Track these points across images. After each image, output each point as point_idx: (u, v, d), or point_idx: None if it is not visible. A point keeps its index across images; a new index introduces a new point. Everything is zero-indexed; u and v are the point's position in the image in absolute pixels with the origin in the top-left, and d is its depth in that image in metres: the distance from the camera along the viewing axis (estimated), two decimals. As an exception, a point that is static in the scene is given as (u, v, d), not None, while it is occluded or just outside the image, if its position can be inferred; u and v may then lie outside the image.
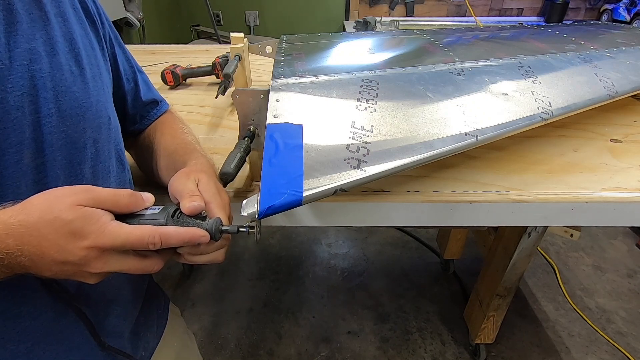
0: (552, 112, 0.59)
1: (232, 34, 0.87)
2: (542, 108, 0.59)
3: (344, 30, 2.55)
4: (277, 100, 0.48)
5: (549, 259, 1.83)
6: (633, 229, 2.01)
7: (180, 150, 0.53)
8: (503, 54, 0.69)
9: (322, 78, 0.53)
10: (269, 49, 0.94)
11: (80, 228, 0.33)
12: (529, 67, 0.66)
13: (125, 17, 1.80)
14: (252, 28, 2.72)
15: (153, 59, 1.23)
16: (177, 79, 1.00)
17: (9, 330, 0.40)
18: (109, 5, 1.67)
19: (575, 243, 1.92)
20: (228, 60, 0.94)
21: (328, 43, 0.82)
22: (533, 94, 0.60)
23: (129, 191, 0.38)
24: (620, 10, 2.33)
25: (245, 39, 0.89)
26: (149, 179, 0.58)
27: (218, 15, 2.68)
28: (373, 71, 0.56)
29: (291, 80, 0.52)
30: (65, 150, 0.40)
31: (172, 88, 1.01)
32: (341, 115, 0.48)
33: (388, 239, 1.95)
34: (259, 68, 1.12)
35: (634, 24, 2.23)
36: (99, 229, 0.34)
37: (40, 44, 0.38)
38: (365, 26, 2.31)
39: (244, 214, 0.41)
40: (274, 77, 0.54)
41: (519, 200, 0.58)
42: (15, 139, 0.36)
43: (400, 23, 2.43)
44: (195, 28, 2.72)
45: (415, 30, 0.91)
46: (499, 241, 1.17)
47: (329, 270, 1.78)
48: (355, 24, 2.39)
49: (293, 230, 2.02)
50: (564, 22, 2.42)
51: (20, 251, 0.32)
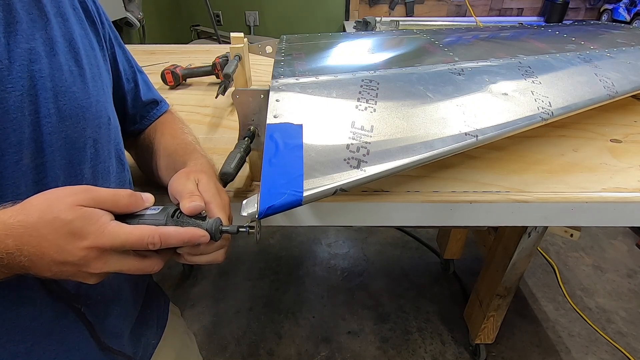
0: (552, 112, 0.59)
1: (232, 34, 0.87)
2: (542, 108, 0.59)
3: (344, 30, 2.55)
4: (277, 100, 0.48)
5: (549, 259, 1.83)
6: (633, 229, 2.01)
7: (180, 151, 0.53)
8: (503, 54, 0.69)
9: (322, 78, 0.53)
10: (269, 49, 0.94)
11: (80, 228, 0.33)
12: (529, 67, 0.66)
13: (125, 17, 1.80)
14: (252, 28, 2.72)
15: (153, 59, 1.23)
16: (177, 79, 1.00)
17: (8, 330, 0.39)
18: (109, 5, 1.67)
19: (575, 243, 1.92)
20: (228, 60, 0.94)
21: (328, 43, 0.82)
22: (533, 94, 0.60)
23: (128, 191, 0.38)
24: (620, 10, 2.33)
25: (245, 39, 0.89)
26: (149, 179, 0.58)
27: (218, 15, 2.68)
28: (373, 71, 0.56)
29: (291, 80, 0.52)
30: (64, 151, 0.40)
31: (172, 88, 1.01)
32: (341, 115, 0.48)
33: (388, 239, 1.95)
34: (259, 68, 1.12)
35: (634, 24, 2.23)
36: (99, 229, 0.34)
37: (39, 44, 0.38)
38: (365, 26, 2.31)
39: (244, 214, 0.41)
40: (274, 77, 0.54)
41: (519, 200, 0.58)
42: (15, 139, 0.36)
43: (400, 23, 2.43)
44: (195, 28, 2.72)
45: (415, 30, 0.91)
46: (499, 241, 1.17)
47: (329, 270, 1.78)
48: (355, 24, 2.39)
49: (293, 230, 2.02)
50: (564, 22, 2.42)
51: (19, 251, 0.32)
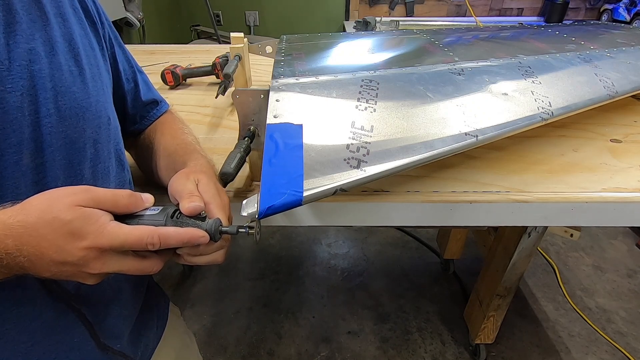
0: (552, 112, 0.59)
1: (232, 34, 0.87)
2: (542, 108, 0.59)
3: (344, 30, 2.55)
4: (277, 100, 0.48)
5: (549, 259, 1.83)
6: (633, 229, 2.01)
7: (180, 151, 0.53)
8: (503, 54, 0.69)
9: (322, 78, 0.53)
10: (269, 49, 0.94)
11: (79, 228, 0.33)
12: (529, 67, 0.66)
13: (125, 17, 1.80)
14: (252, 28, 2.72)
15: (153, 59, 1.23)
16: (177, 79, 1.00)
17: (8, 330, 0.39)
18: (109, 5, 1.67)
19: (575, 243, 1.92)
20: (228, 60, 0.94)
21: (328, 43, 0.82)
22: (533, 94, 0.60)
23: (128, 191, 0.38)
24: (620, 10, 2.33)
25: (245, 39, 0.89)
26: (149, 179, 0.58)
27: (218, 15, 2.68)
28: (373, 71, 0.56)
29: (291, 80, 0.52)
30: (64, 151, 0.40)
31: (172, 88, 1.01)
32: (341, 115, 0.48)
33: (388, 239, 1.95)
34: (259, 68, 1.12)
35: (634, 24, 2.23)
36: (98, 229, 0.34)
37: (39, 44, 0.38)
38: (365, 26, 2.31)
39: (244, 214, 0.41)
40: (274, 77, 0.54)
41: (519, 200, 0.58)
42: (15, 139, 0.36)
43: (400, 23, 2.43)
44: (195, 28, 2.72)
45: (415, 30, 0.91)
46: (499, 241, 1.17)
47: (329, 270, 1.78)
48: (355, 24, 2.38)
49: (293, 230, 2.02)
50: (564, 22, 2.42)
51: (19, 251, 0.32)
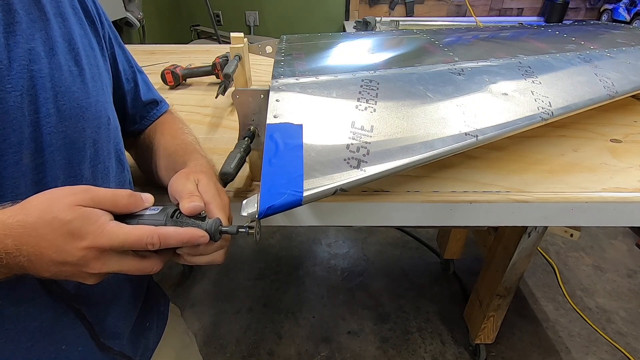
0: (552, 112, 0.59)
1: (232, 34, 0.87)
2: (542, 108, 0.59)
3: (344, 30, 2.55)
4: (277, 100, 0.48)
5: (549, 259, 1.83)
6: (633, 229, 2.01)
7: (180, 151, 0.53)
8: (503, 54, 0.69)
9: (322, 78, 0.53)
10: (269, 49, 0.94)
11: (79, 228, 0.33)
12: (529, 67, 0.66)
13: (125, 17, 1.80)
14: (252, 28, 2.72)
15: (153, 59, 1.23)
16: (177, 79, 1.00)
17: (8, 330, 0.39)
18: (109, 5, 1.67)
19: (575, 243, 1.92)
20: (228, 60, 0.94)
21: (328, 43, 0.82)
22: (533, 94, 0.60)
23: (128, 191, 0.38)
24: (620, 10, 2.33)
25: (245, 39, 0.89)
26: (149, 179, 0.58)
27: (218, 15, 2.68)
28: (373, 71, 0.56)
29: (291, 80, 0.52)
30: (64, 151, 0.40)
31: (172, 88, 1.01)
32: (341, 115, 0.48)
33: (388, 239, 1.95)
34: (259, 68, 1.12)
35: (634, 24, 2.23)
36: (98, 229, 0.34)
37: (39, 44, 0.38)
38: (365, 26, 2.31)
39: (244, 213, 0.41)
40: (274, 77, 0.54)
41: (519, 200, 0.58)
42: (15, 139, 0.36)
43: (400, 23, 2.43)
44: (195, 28, 2.72)
45: (415, 30, 0.91)
46: (499, 241, 1.17)
47: (329, 270, 1.78)
48: (355, 24, 2.38)
49: (293, 230, 2.02)
50: (564, 22, 2.42)
51: (18, 251, 0.32)
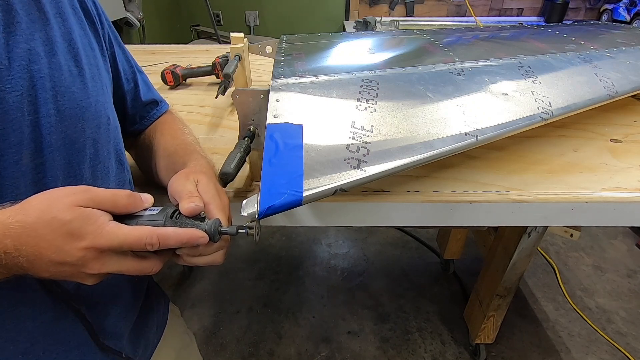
0: (552, 112, 0.59)
1: (232, 34, 0.87)
2: (542, 108, 0.59)
3: (344, 30, 2.55)
4: (277, 100, 0.48)
5: (549, 259, 1.83)
6: (633, 229, 2.01)
7: (180, 151, 0.53)
8: (503, 54, 0.69)
9: (322, 78, 0.53)
10: (269, 49, 0.94)
11: (78, 228, 0.33)
12: (529, 67, 0.66)
13: (125, 17, 1.80)
14: (252, 28, 2.72)
15: (153, 59, 1.23)
16: (177, 79, 1.00)
17: (8, 330, 0.39)
18: (109, 5, 1.67)
19: (575, 243, 1.92)
20: (228, 60, 0.94)
21: (328, 43, 0.82)
22: (533, 94, 0.60)
23: (127, 192, 0.38)
24: (620, 10, 2.33)
25: (245, 39, 0.89)
26: (149, 179, 0.58)
27: (218, 15, 2.68)
28: (373, 71, 0.56)
29: (291, 80, 0.52)
30: (64, 151, 0.40)
31: (172, 88, 1.01)
32: (341, 115, 0.48)
33: (388, 239, 1.95)
34: (259, 68, 1.12)
35: (634, 24, 2.23)
36: (97, 229, 0.34)
37: (39, 44, 0.38)
38: (365, 26, 2.31)
39: (244, 214, 0.41)
40: (274, 77, 0.54)
41: (519, 200, 0.58)
42: (15, 139, 0.36)
43: (400, 23, 2.43)
44: (195, 28, 2.72)
45: (415, 30, 0.91)
46: (499, 241, 1.17)
47: (329, 270, 1.78)
48: (355, 24, 2.38)
49: (293, 230, 2.02)
50: (564, 22, 2.42)
51: (18, 252, 0.32)
